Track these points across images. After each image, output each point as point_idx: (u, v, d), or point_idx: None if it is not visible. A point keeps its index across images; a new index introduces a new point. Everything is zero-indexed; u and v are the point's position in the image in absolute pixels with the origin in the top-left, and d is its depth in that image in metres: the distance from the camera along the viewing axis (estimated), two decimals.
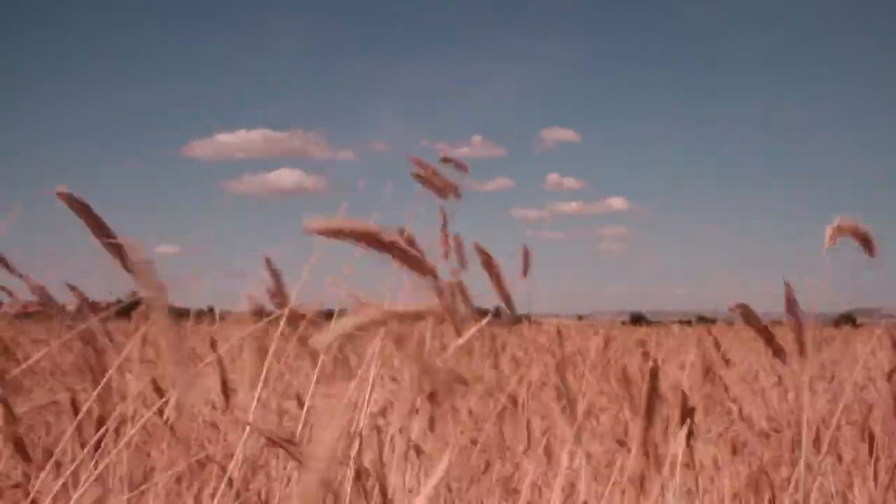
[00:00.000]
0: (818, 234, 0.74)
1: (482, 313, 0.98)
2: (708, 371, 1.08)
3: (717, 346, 1.24)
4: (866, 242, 0.75)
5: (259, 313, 0.83)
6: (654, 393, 0.73)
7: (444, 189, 0.93)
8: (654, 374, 0.72)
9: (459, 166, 0.94)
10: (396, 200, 0.91)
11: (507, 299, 0.94)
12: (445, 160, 0.94)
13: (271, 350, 0.81)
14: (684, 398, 0.78)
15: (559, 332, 1.26)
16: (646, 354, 1.98)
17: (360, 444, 0.79)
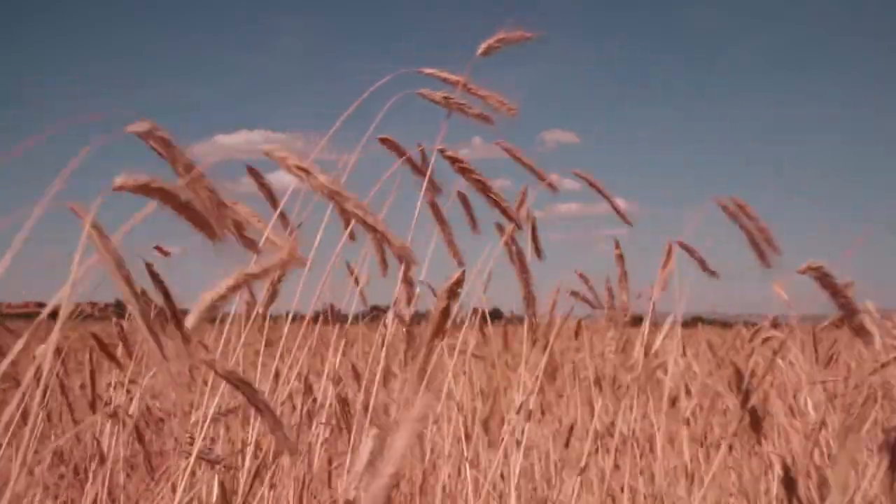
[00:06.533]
0: (816, 235, 0.74)
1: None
2: None
3: None
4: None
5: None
6: None
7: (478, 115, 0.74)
8: None
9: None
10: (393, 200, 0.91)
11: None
12: (490, 48, 0.71)
13: None
14: None
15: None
16: None
17: None
